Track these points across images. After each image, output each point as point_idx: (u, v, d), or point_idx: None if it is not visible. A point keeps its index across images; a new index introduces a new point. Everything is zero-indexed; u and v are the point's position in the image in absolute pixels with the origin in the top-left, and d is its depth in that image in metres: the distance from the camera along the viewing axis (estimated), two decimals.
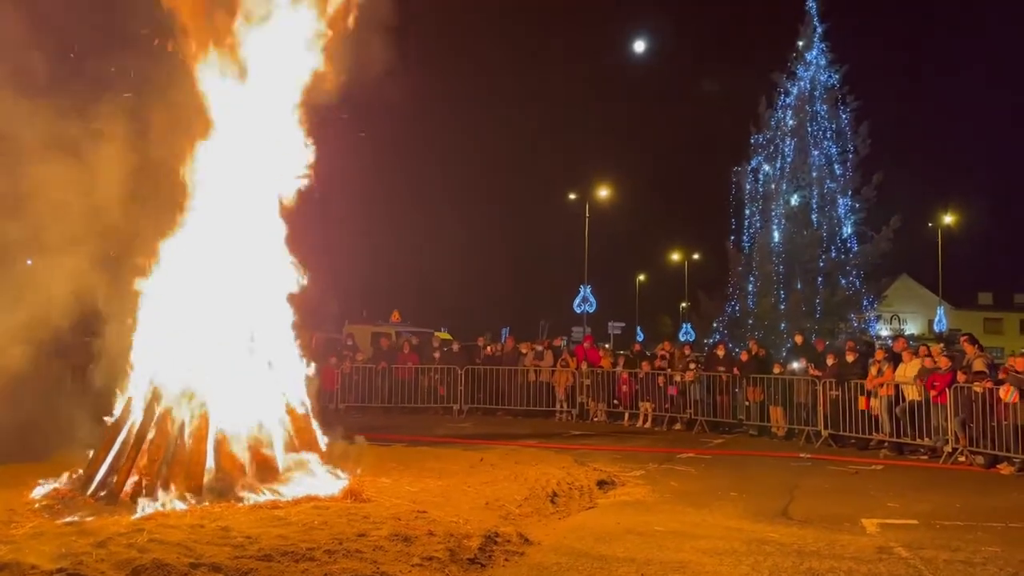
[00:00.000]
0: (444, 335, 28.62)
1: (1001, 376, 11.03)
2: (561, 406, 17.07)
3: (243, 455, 7.51)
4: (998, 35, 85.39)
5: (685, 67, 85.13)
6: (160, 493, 6.99)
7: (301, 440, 8.02)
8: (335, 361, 17.56)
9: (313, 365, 9.07)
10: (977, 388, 11.19)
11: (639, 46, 31.09)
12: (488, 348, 18.45)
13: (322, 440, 8.44)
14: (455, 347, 18.54)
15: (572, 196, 38.99)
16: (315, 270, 9.05)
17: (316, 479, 7.70)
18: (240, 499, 7.10)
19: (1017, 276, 54.92)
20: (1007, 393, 10.53)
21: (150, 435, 7.36)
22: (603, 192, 37.75)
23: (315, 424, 8.46)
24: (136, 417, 7.52)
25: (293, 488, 7.43)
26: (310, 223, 9.12)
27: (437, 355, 18.08)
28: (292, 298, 8.73)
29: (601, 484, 9.05)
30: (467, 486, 8.24)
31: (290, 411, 8.12)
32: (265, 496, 7.23)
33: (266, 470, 7.56)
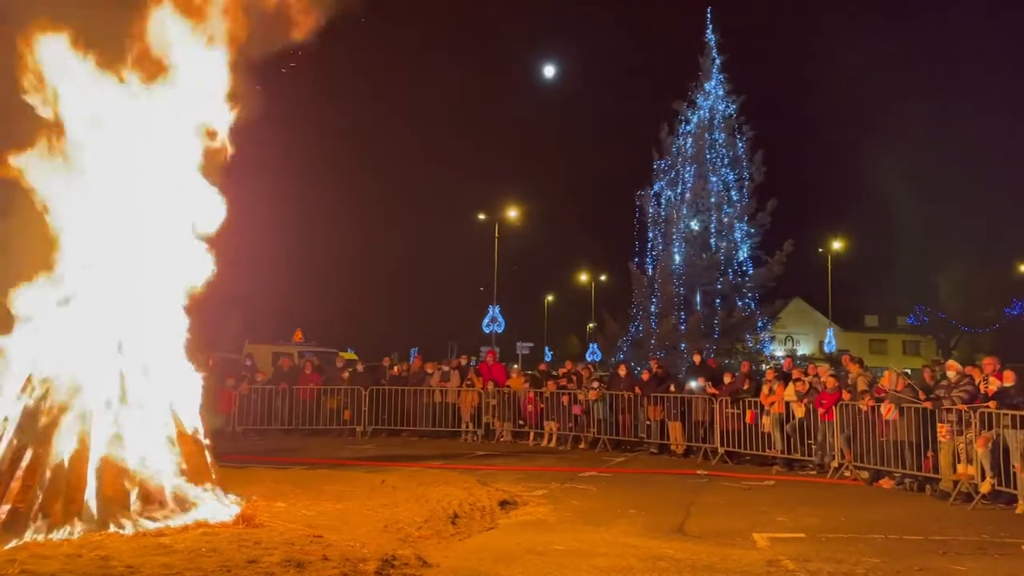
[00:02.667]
0: (349, 355, 28.16)
1: (878, 394, 11.62)
2: (467, 426, 17.01)
3: (127, 480, 7.14)
4: (884, 71, 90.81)
5: (593, 92, 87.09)
6: (35, 521, 6.57)
7: (191, 464, 7.69)
8: (232, 382, 17.00)
9: (207, 386, 8.73)
10: (862, 406, 11.74)
11: (549, 71, 31.64)
12: (394, 368, 18.24)
13: (215, 464, 8.12)
14: (359, 367, 18.25)
15: (482, 217, 39.19)
16: (214, 288, 8.74)
17: (206, 505, 7.40)
18: (123, 527, 6.74)
19: (900, 300, 58.22)
20: (888, 411, 11.11)
21: (25, 459, 6.92)
22: (513, 213, 38.10)
23: (207, 448, 8.14)
24: (9, 439, 7.06)
25: (181, 515, 7.11)
26: (209, 238, 8.78)
27: (346, 375, 17.75)
28: (187, 316, 8.40)
29: (503, 504, 9.03)
30: (366, 509, 8.09)
31: (180, 434, 7.78)
32: (151, 523, 6.89)
33: (152, 496, 7.21)
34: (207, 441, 8.10)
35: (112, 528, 6.67)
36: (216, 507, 7.43)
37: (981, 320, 47.47)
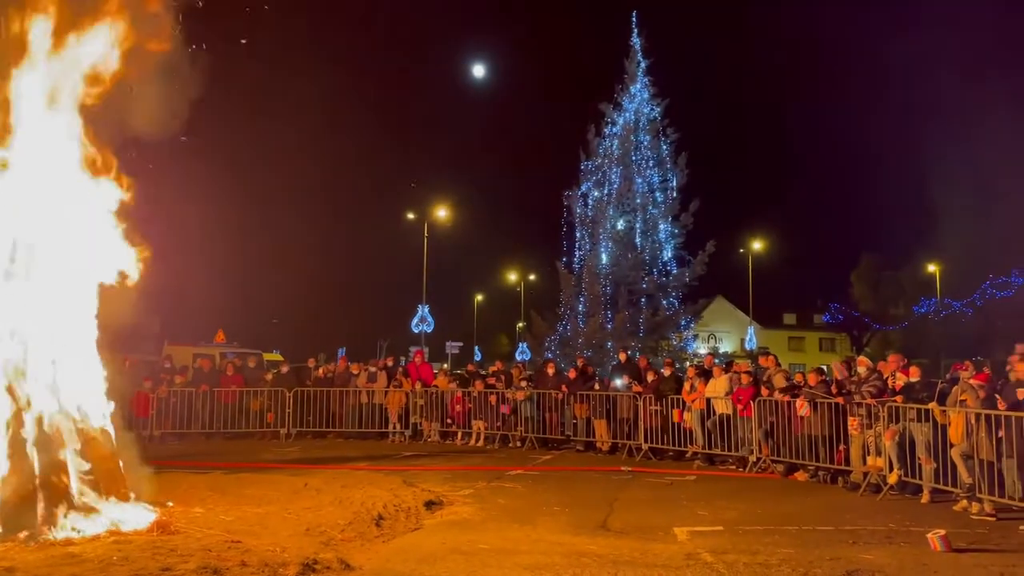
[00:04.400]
0: (275, 356, 27.61)
1: (793, 390, 12.02)
2: (394, 427, 16.87)
3: (33, 488, 6.84)
4: (803, 74, 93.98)
5: (522, 93, 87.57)
6: None
7: (102, 471, 7.41)
8: (150, 385, 16.46)
9: (123, 390, 8.44)
10: (777, 397, 12.11)
11: (478, 71, 31.61)
12: (319, 370, 17.96)
13: (128, 470, 7.85)
14: (283, 369, 17.90)
15: (411, 216, 38.92)
16: (132, 287, 8.44)
17: (119, 512, 7.14)
18: (30, 536, 6.46)
19: (816, 299, 60.39)
20: (802, 406, 11.50)
21: None
22: (442, 212, 37.97)
23: (120, 453, 7.86)
24: None
25: (92, 523, 6.85)
26: (127, 236, 8.48)
27: (270, 376, 17.39)
28: (101, 318, 8.09)
29: (429, 505, 9.00)
30: (288, 513, 7.95)
31: (90, 439, 7.50)
32: (59, 532, 6.62)
33: (61, 504, 6.91)
34: (120, 446, 7.83)
35: (18, 538, 6.38)
36: (129, 514, 7.18)
37: (891, 318, 49.57)
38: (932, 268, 48.63)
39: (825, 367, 13.11)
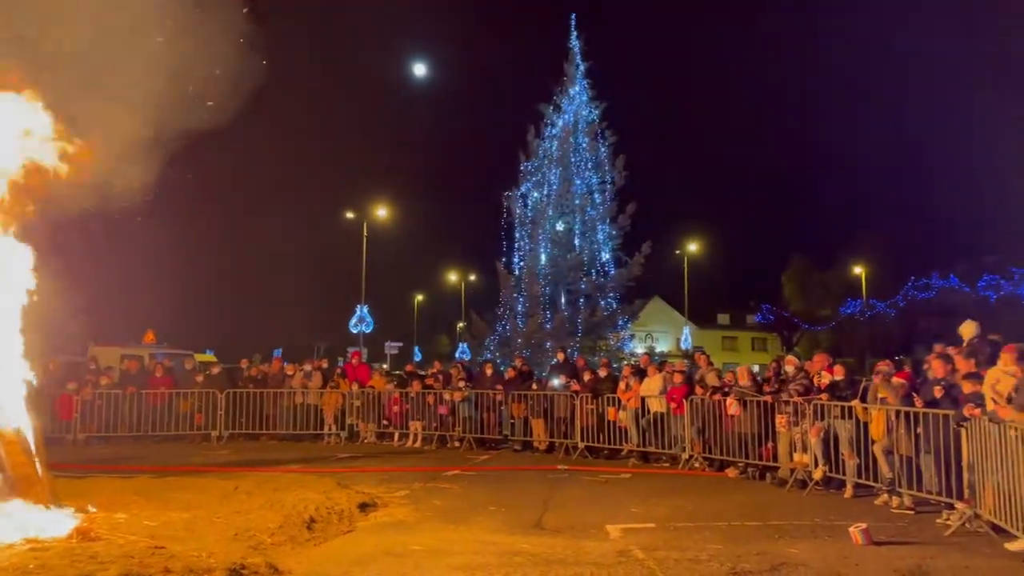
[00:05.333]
0: (207, 357, 26.94)
1: (724, 388, 12.28)
2: (330, 429, 16.66)
3: None
4: (742, 80, 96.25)
5: (464, 93, 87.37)
6: None
7: (19, 475, 7.13)
8: (74, 386, 15.91)
9: (45, 391, 8.14)
10: (708, 393, 12.36)
11: (420, 69, 31.40)
12: (252, 369, 17.60)
13: (48, 474, 7.56)
14: (214, 370, 17.49)
15: (350, 215, 38.46)
16: (56, 285, 8.14)
17: (36, 518, 6.86)
18: None
19: (748, 300, 61.87)
20: (731, 405, 11.75)
21: None
22: (381, 212, 37.63)
23: (40, 457, 7.56)
24: None
25: (7, 529, 6.57)
26: (51, 231, 8.18)
27: (200, 378, 16.98)
28: (21, 318, 7.79)
29: (363, 507, 8.91)
30: (216, 517, 7.76)
31: (7, 443, 7.20)
32: None
33: None
34: (40, 450, 7.54)
35: None
36: (48, 521, 6.90)
37: (820, 318, 51.08)
38: (858, 270, 50.27)
39: (756, 366, 13.45)
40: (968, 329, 9.91)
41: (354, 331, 35.18)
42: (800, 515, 8.87)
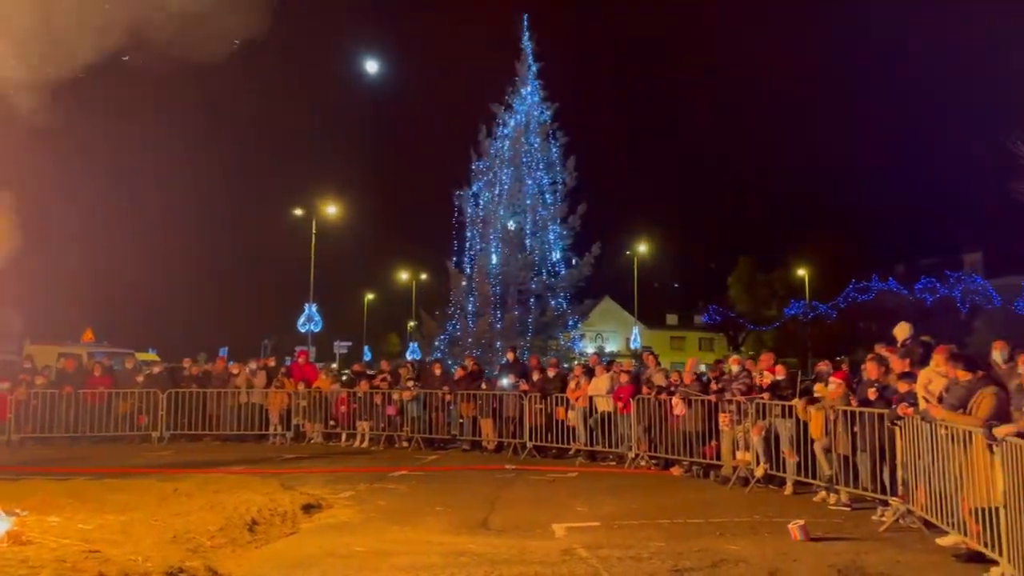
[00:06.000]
0: (150, 356, 26.33)
1: (670, 388, 12.45)
2: (275, 429, 16.42)
3: None
4: (690, 84, 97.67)
5: (414, 90, 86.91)
6: None
7: None
8: (7, 386, 15.40)
9: None
10: (655, 393, 12.51)
11: (372, 66, 31.11)
12: (194, 368, 17.25)
13: None
14: (155, 369, 17.10)
15: (299, 212, 37.92)
16: None
17: None
18: None
19: (696, 300, 62.84)
20: (677, 405, 11.91)
21: None
22: (331, 209, 37.18)
23: None
24: None
25: None
26: None
27: (141, 377, 16.58)
28: None
29: (307, 508, 8.80)
30: (154, 520, 7.59)
31: None
32: None
33: None
34: None
35: None
36: None
37: (765, 319, 52.12)
38: (802, 272, 51.42)
39: (704, 366, 13.65)
40: (902, 331, 10.20)
41: (302, 330, 34.74)
42: (741, 512, 9.04)
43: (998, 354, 8.76)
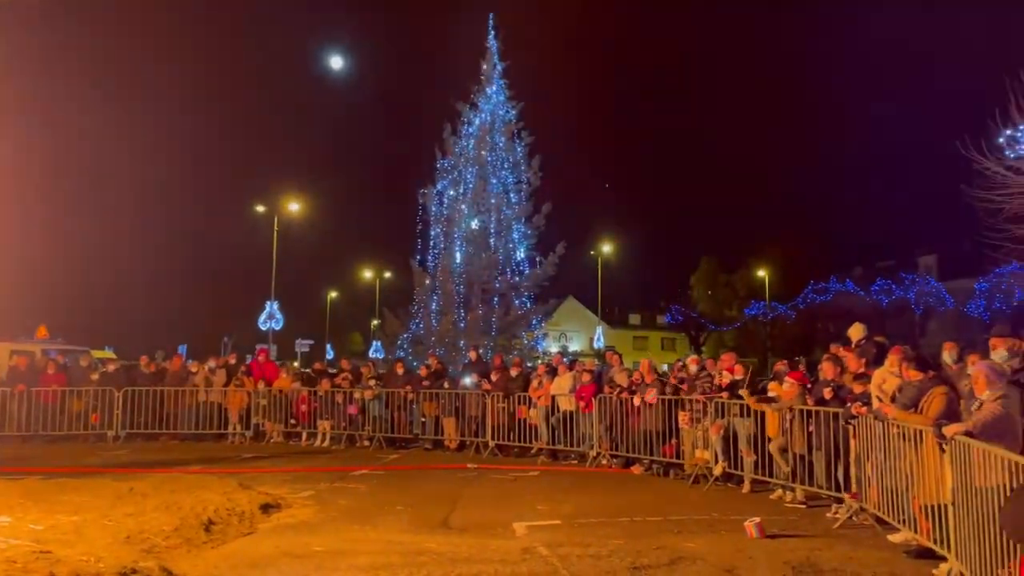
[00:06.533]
0: (106, 354, 25.82)
1: (632, 387, 12.55)
2: (234, 428, 16.21)
3: None
4: (652, 86, 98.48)
5: (380, 87, 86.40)
6: None
7: None
8: None
9: None
10: (616, 392, 12.60)
11: (336, 62, 30.85)
12: (150, 366, 16.95)
13: None
14: (111, 367, 16.78)
15: (261, 209, 37.46)
16: None
17: None
18: None
19: (659, 301, 63.37)
20: (649, 393, 11.95)
21: None
22: (293, 206, 36.79)
23: None
24: None
25: None
26: None
27: (95, 375, 16.26)
28: None
29: (265, 508, 8.72)
30: (107, 520, 7.45)
31: None
32: None
33: None
34: None
35: None
36: None
37: (726, 319, 52.78)
38: (762, 273, 52.15)
39: (665, 366, 13.77)
40: (856, 331, 10.41)
41: (263, 328, 34.34)
42: (699, 510, 9.15)
43: (948, 355, 8.99)
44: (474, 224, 27.06)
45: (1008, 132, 13.99)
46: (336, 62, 29.49)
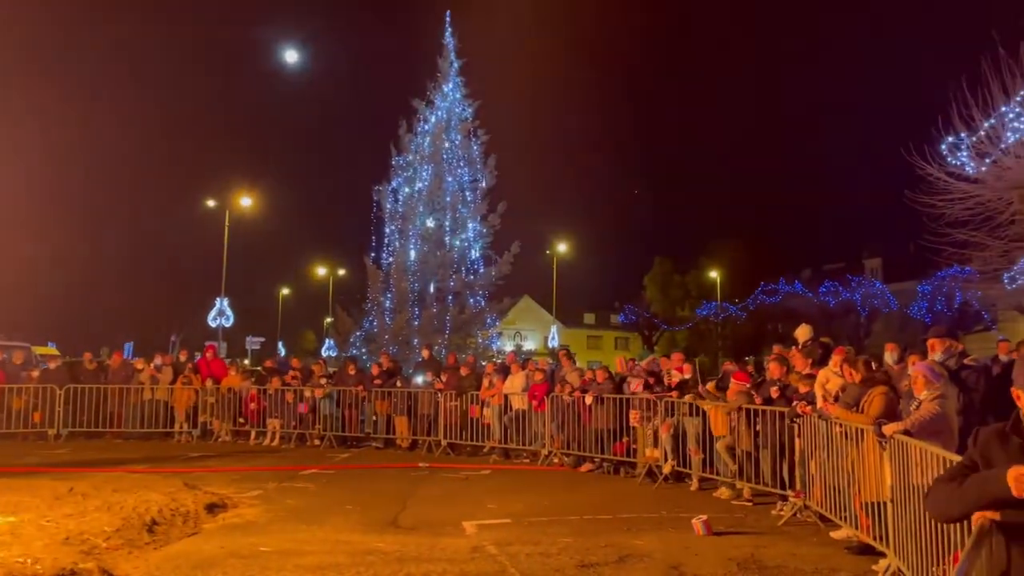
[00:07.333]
0: (48, 350, 25.10)
1: (583, 386, 12.64)
2: (181, 427, 15.90)
3: None
4: (608, 86, 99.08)
5: (336, 84, 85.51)
6: None
7: None
8: None
9: None
10: (566, 397, 12.67)
11: (291, 56, 30.42)
12: (91, 363, 16.52)
13: None
14: (52, 364, 16.32)
15: (212, 204, 36.77)
16: None
17: None
18: None
19: (613, 300, 63.90)
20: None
21: None
22: (245, 201, 36.18)
23: None
24: None
25: None
26: None
27: (36, 373, 15.79)
28: None
29: (211, 508, 8.56)
30: (45, 521, 7.24)
31: None
32: None
33: None
34: None
35: None
36: None
37: (678, 319, 53.38)
38: (714, 274, 52.89)
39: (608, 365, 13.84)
40: (803, 332, 10.62)
41: (213, 324, 33.70)
42: (648, 508, 9.24)
43: (890, 355, 9.22)
44: (429, 222, 26.94)
45: (950, 139, 14.38)
46: (291, 56, 29.13)
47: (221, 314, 33.41)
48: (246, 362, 38.64)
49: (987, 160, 14.25)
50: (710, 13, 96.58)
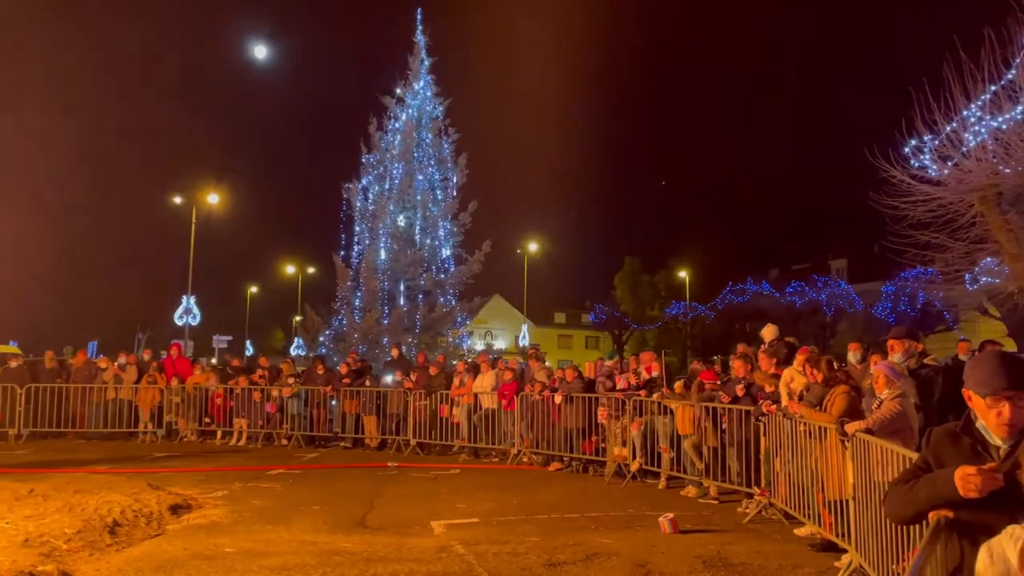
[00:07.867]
0: (9, 348, 24.60)
1: (553, 385, 12.68)
2: (145, 426, 15.67)
3: None
4: (579, 85, 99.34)
5: (304, 78, 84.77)
6: None
7: None
8: None
9: None
10: (536, 396, 12.71)
11: (260, 51, 30.12)
12: (51, 362, 16.22)
13: None
14: (12, 363, 16.00)
15: (178, 200, 36.28)
16: None
17: None
18: None
19: (584, 300, 64.11)
20: (560, 398, 12.13)
21: None
22: (213, 198, 35.73)
23: None
24: None
25: None
26: None
27: None
28: None
29: (175, 509, 8.45)
30: (5, 522, 7.09)
31: None
32: None
33: None
34: None
35: None
36: None
37: (648, 318, 53.74)
38: (683, 274, 53.33)
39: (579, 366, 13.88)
40: (769, 332, 10.74)
41: (179, 323, 33.25)
42: (616, 506, 9.29)
43: (853, 355, 9.36)
44: (400, 220, 26.82)
45: (914, 142, 14.61)
46: (260, 51, 28.84)
47: (188, 312, 32.98)
48: (213, 361, 38.19)
49: (949, 163, 14.49)
50: (672, 11, 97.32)
